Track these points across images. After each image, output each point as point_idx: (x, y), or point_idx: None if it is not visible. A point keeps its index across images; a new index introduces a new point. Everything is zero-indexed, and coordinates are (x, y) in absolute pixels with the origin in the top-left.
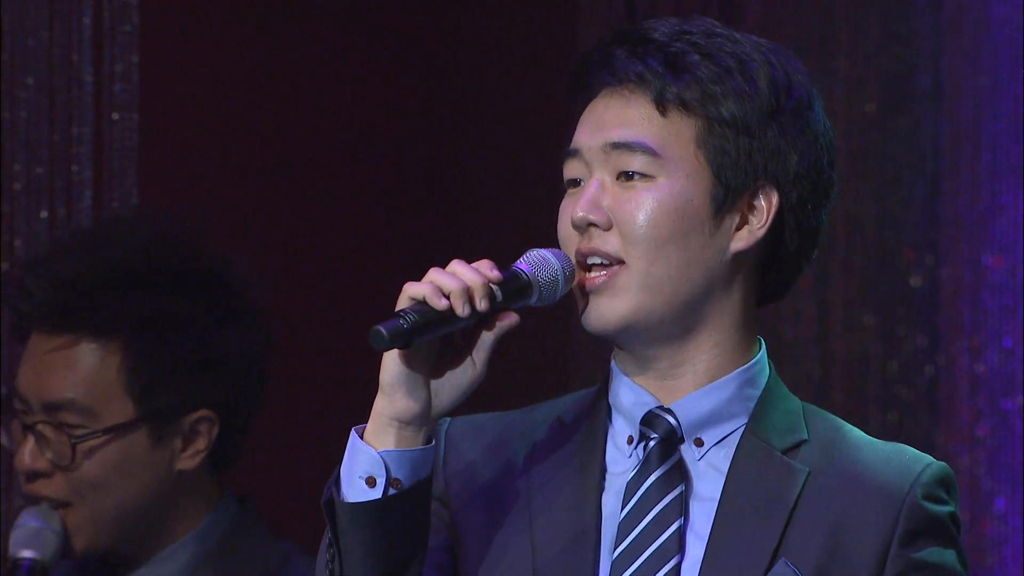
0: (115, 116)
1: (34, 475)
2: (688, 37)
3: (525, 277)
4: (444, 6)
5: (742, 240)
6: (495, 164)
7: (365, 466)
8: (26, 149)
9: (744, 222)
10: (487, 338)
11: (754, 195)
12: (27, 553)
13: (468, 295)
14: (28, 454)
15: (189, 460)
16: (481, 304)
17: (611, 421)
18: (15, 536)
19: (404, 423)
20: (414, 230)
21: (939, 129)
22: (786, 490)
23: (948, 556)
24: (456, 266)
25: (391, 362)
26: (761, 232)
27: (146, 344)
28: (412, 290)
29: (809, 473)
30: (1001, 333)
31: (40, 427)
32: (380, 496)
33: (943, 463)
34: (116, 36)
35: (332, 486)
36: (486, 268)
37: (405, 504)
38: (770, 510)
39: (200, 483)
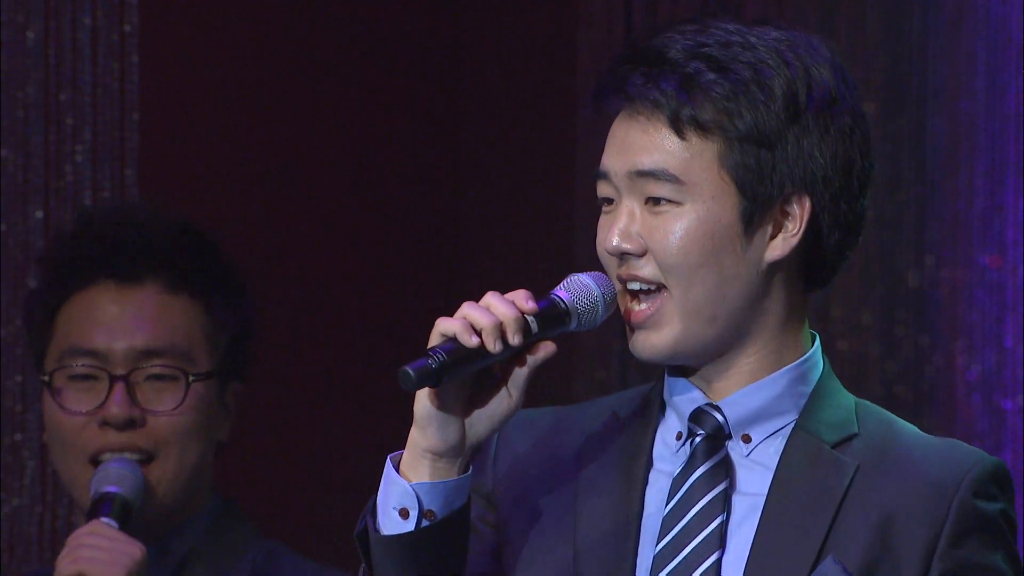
0: (113, 116)
1: (128, 423)
2: (704, 51)
3: (563, 306)
4: (444, 5)
5: (777, 249)
6: (495, 163)
7: (398, 498)
8: (23, 149)
9: (778, 230)
10: (523, 369)
11: (786, 203)
12: (111, 488)
13: (501, 331)
14: (118, 404)
15: (226, 432)
16: (514, 339)
17: (663, 417)
18: (97, 477)
19: (438, 455)
20: (411, 227)
21: (939, 129)
22: (834, 484)
23: (996, 557)
24: (490, 298)
25: (423, 396)
26: (796, 239)
27: (223, 302)
28: (443, 326)
29: (858, 467)
30: (1001, 333)
31: (134, 375)
32: (413, 528)
33: (997, 459)
34: (114, 36)
35: (368, 516)
36: (521, 299)
37: (439, 535)
38: (818, 505)
39: (212, 467)
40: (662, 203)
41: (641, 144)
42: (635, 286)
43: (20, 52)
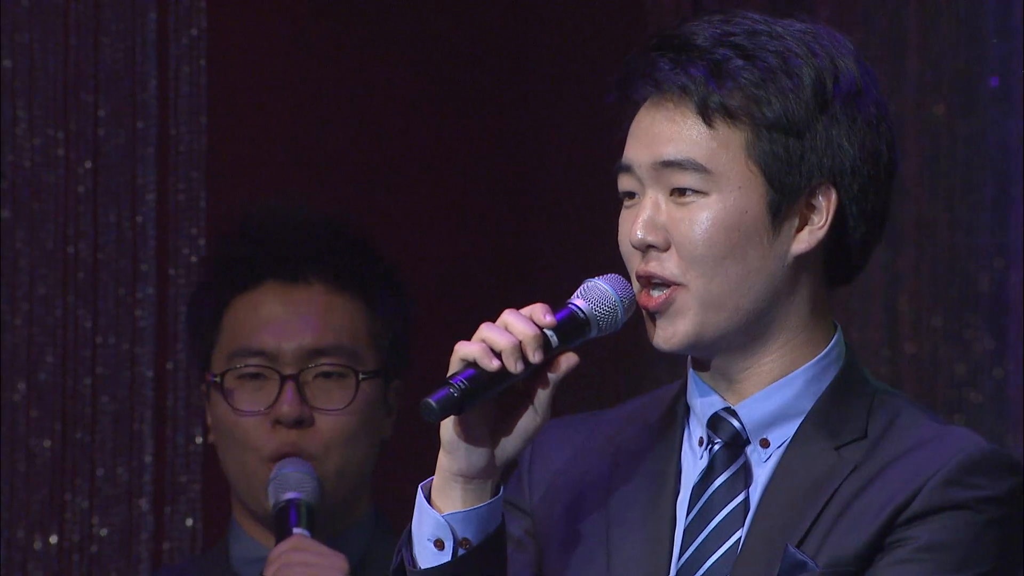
0: (181, 119)
1: (298, 422)
2: (731, 39)
3: (582, 315)
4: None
5: (803, 242)
6: (561, 161)
7: (432, 529)
8: (93, 152)
9: (804, 223)
10: (547, 383)
11: (812, 194)
12: (291, 495)
13: (520, 350)
14: (289, 403)
15: (389, 427)
16: (535, 357)
17: (687, 422)
18: (276, 483)
19: (468, 478)
20: (491, 236)
21: (1009, 131)
22: (828, 484)
23: (951, 537)
24: (508, 317)
25: (448, 423)
26: (822, 232)
27: (385, 301)
28: (463, 351)
29: (855, 467)
30: None
31: (303, 375)
32: (450, 559)
33: (989, 447)
34: (181, 39)
35: (404, 547)
36: (540, 314)
37: (477, 561)
38: (807, 504)
39: (374, 465)
40: (688, 194)
41: (667, 134)
42: (655, 282)
43: (86, 56)
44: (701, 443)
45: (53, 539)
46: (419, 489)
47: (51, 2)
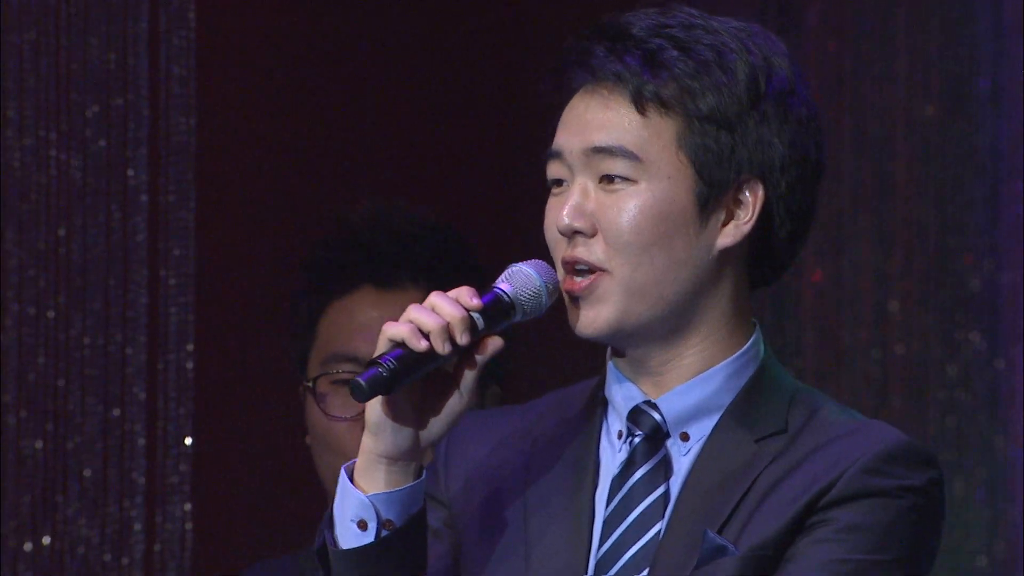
0: (171, 120)
1: None
2: (667, 31)
3: (507, 299)
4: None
5: (729, 236)
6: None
7: (355, 510)
8: (83, 153)
9: (730, 217)
10: (474, 366)
11: (739, 189)
12: None
13: (448, 332)
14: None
15: None
16: (462, 339)
17: (606, 415)
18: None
19: (393, 459)
20: (485, 233)
21: (999, 132)
22: (747, 475)
23: (871, 519)
24: (435, 299)
25: (375, 403)
26: (748, 227)
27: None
28: (391, 332)
29: (775, 458)
30: None
31: None
32: (372, 540)
33: (907, 439)
34: (172, 40)
35: (325, 528)
36: (466, 297)
37: (399, 542)
38: (727, 493)
39: None
40: (616, 181)
41: (600, 120)
42: (581, 267)
43: (78, 57)
44: (620, 436)
45: (45, 540)
46: (342, 470)
47: (42, 3)
